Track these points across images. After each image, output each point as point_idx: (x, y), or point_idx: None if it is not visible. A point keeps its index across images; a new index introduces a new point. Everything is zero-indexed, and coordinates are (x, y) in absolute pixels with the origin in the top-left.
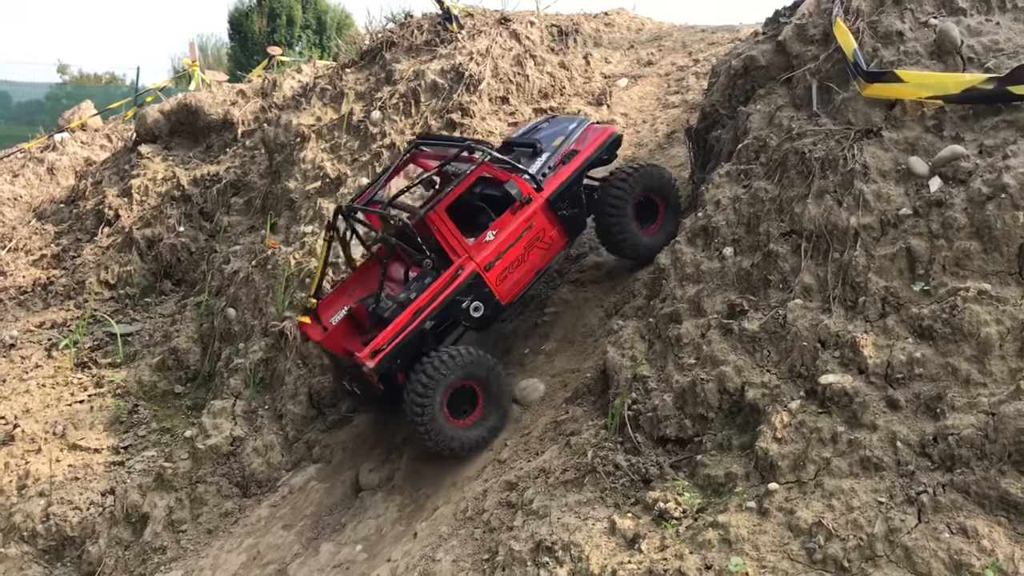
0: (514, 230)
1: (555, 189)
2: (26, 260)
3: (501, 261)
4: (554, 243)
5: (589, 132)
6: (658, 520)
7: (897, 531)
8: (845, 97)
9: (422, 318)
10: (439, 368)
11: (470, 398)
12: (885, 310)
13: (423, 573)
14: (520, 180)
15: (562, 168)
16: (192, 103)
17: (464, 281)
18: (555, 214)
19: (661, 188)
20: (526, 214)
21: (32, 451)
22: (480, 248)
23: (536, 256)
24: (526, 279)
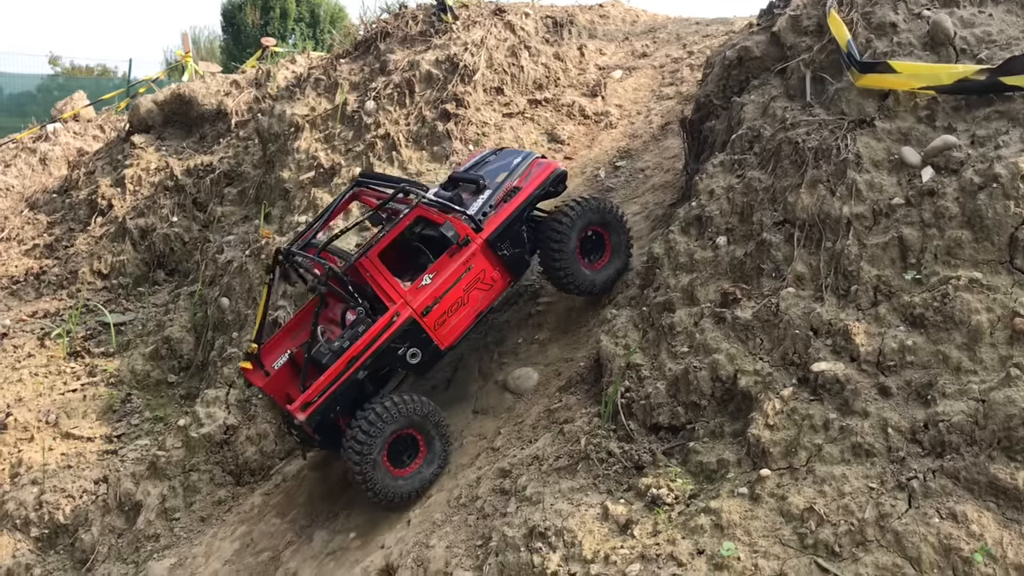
0: (452, 273)
1: (495, 229)
2: (19, 250)
3: (439, 305)
4: (496, 283)
5: (533, 167)
6: (650, 506)
7: (888, 516)
8: (839, 87)
9: (355, 368)
10: (375, 422)
11: (411, 445)
12: (877, 298)
13: (417, 559)
14: (457, 221)
15: (503, 206)
16: (186, 93)
17: (399, 328)
18: (496, 254)
19: (607, 221)
20: (464, 256)
21: (25, 439)
22: (416, 293)
23: (477, 298)
24: (467, 321)
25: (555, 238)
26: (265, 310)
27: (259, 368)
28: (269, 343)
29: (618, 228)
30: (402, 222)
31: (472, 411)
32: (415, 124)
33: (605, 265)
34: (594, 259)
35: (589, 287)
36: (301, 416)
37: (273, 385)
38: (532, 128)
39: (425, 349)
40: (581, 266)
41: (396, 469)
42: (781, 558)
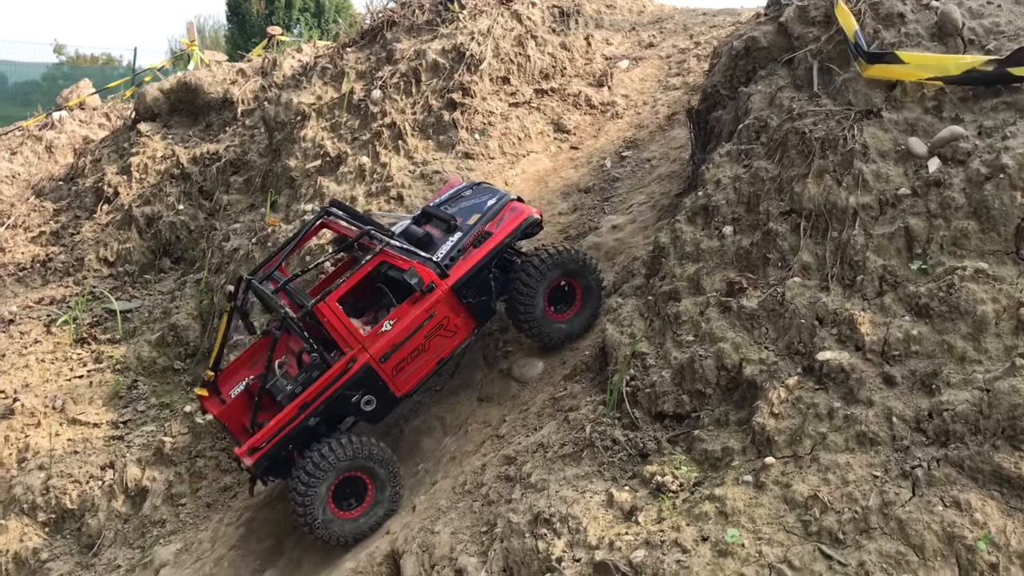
0: (414, 319)
1: (460, 277)
2: (25, 237)
3: (398, 352)
4: (459, 331)
5: (506, 212)
6: (655, 493)
7: (891, 504)
8: (846, 78)
9: (305, 415)
10: (319, 464)
11: (359, 487)
12: (883, 288)
13: (422, 545)
14: (422, 267)
15: (471, 252)
16: (192, 82)
17: (355, 374)
18: (461, 301)
19: (579, 272)
20: (427, 303)
21: (32, 425)
22: (375, 339)
23: (438, 345)
24: (427, 368)
25: (523, 290)
26: (224, 337)
27: (215, 395)
28: (227, 370)
29: (590, 279)
30: (364, 268)
31: (477, 399)
32: (421, 113)
33: (575, 315)
34: (563, 309)
35: (554, 338)
36: (248, 461)
37: (228, 414)
38: (538, 117)
39: (381, 396)
40: (549, 317)
41: (341, 512)
42: (785, 545)
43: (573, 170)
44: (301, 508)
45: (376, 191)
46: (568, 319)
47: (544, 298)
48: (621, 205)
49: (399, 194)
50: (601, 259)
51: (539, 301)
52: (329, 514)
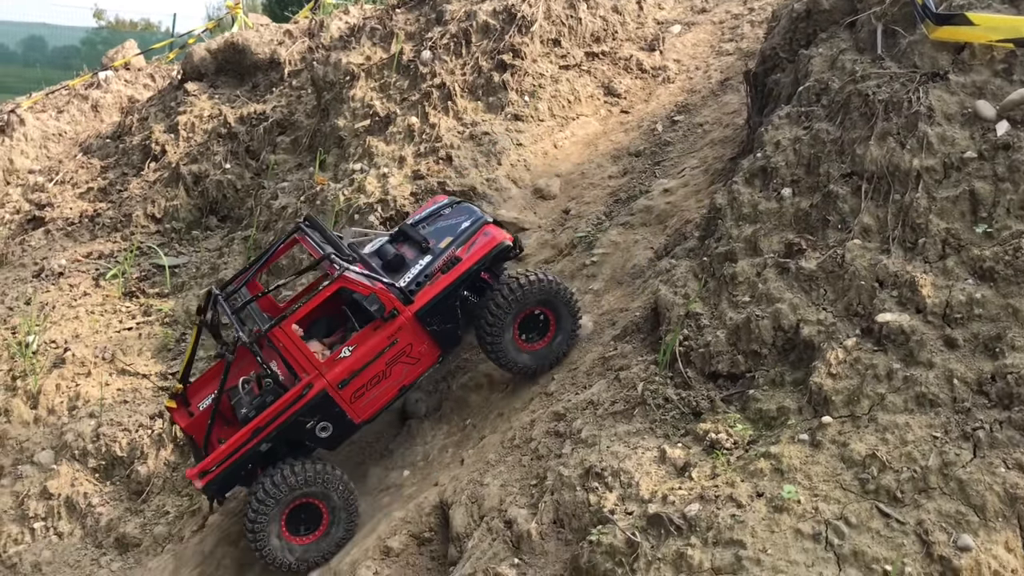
0: (374, 346)
1: (426, 303)
2: (73, 193)
3: (358, 379)
4: (423, 358)
5: (478, 236)
6: (709, 450)
7: (952, 465)
8: (911, 40)
9: (257, 440)
10: (270, 492)
11: (313, 514)
12: (945, 251)
13: (471, 496)
14: (385, 293)
15: (440, 278)
16: (239, 42)
17: (310, 401)
18: (425, 328)
19: (554, 303)
20: (390, 330)
21: (82, 374)
22: (333, 365)
23: (401, 371)
24: (387, 396)
25: (489, 320)
26: (194, 349)
27: (184, 407)
28: (197, 382)
29: (565, 311)
30: (321, 294)
31: None
32: (471, 75)
33: (543, 348)
34: (535, 339)
35: (520, 369)
36: (198, 484)
37: (196, 426)
38: (588, 81)
39: (338, 423)
40: (518, 346)
41: (293, 537)
42: (842, 502)
43: (623, 134)
44: (251, 532)
45: (425, 151)
46: (538, 350)
47: (514, 327)
48: (673, 169)
49: (448, 155)
50: (652, 222)
51: (506, 331)
52: (282, 539)
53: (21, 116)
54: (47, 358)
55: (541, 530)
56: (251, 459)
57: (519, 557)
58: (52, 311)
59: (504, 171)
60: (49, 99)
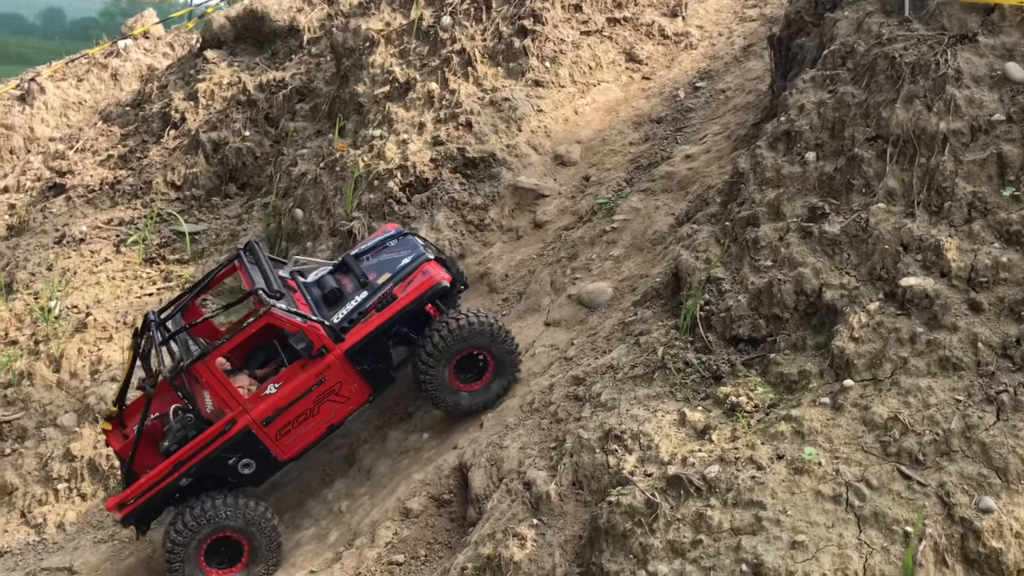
0: (301, 383)
1: (356, 342)
2: (93, 160)
3: (283, 416)
4: (353, 396)
5: (417, 275)
6: (729, 413)
7: (975, 428)
8: (940, 2)
9: (178, 474)
10: (188, 524)
11: (234, 548)
12: (971, 215)
13: (490, 458)
14: (313, 331)
15: (373, 316)
16: (258, 9)
17: (233, 437)
18: (355, 367)
19: (491, 345)
20: (318, 368)
21: (104, 339)
22: (258, 401)
23: (329, 410)
24: (315, 433)
25: (424, 359)
26: (130, 373)
27: (119, 430)
28: (133, 405)
29: (502, 350)
30: (247, 330)
31: (544, 323)
32: (491, 40)
33: (483, 387)
34: (471, 379)
35: (457, 409)
36: (117, 516)
37: (129, 450)
38: (610, 47)
39: (261, 460)
40: (453, 386)
41: (211, 570)
42: (863, 464)
43: (645, 100)
44: (169, 564)
45: (444, 118)
46: (475, 390)
47: (450, 368)
48: (694, 135)
49: (468, 121)
50: (674, 188)
51: (441, 371)
52: (200, 572)
53: (42, 84)
54: (69, 323)
55: (560, 491)
56: (172, 492)
57: (538, 518)
58: (74, 277)
59: (524, 137)
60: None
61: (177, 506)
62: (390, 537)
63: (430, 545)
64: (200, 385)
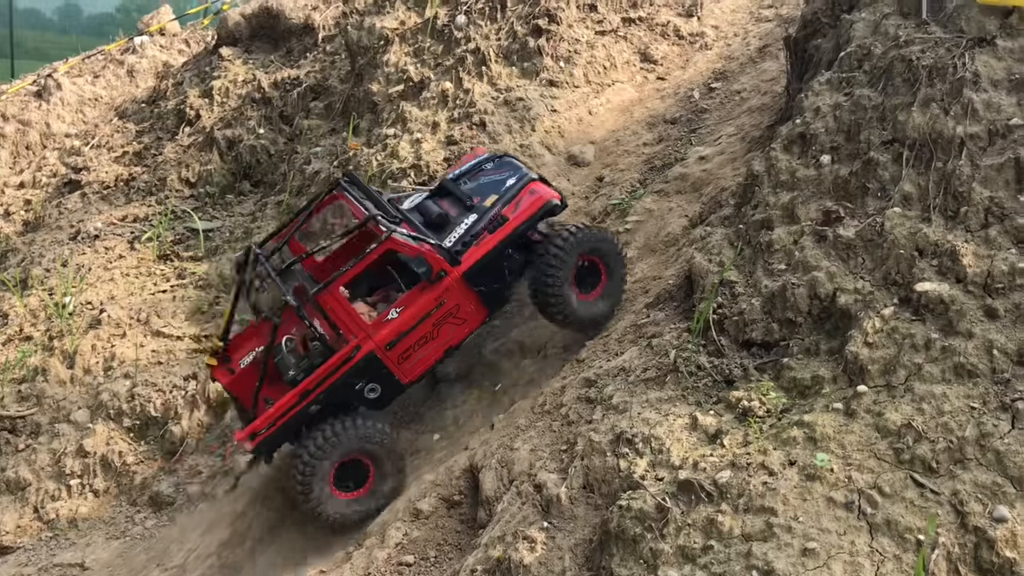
0: (421, 307)
1: (473, 264)
2: (108, 157)
3: (405, 340)
4: (470, 318)
5: (524, 194)
6: (741, 418)
7: (989, 436)
8: (958, 5)
9: (306, 403)
10: (321, 446)
11: (360, 472)
12: (988, 220)
13: (501, 460)
14: (432, 255)
15: (486, 238)
16: (273, 7)
17: (358, 363)
18: (472, 289)
19: (604, 251)
20: (437, 291)
21: (117, 335)
22: (381, 327)
23: (448, 332)
24: (434, 356)
25: (549, 272)
26: (234, 307)
27: (225, 364)
28: (237, 339)
29: (614, 258)
30: (369, 257)
31: None
32: (506, 39)
33: (597, 298)
34: (586, 289)
35: (579, 321)
36: (248, 446)
37: (238, 384)
38: (625, 47)
39: (386, 384)
40: (577, 298)
41: (340, 492)
42: (876, 471)
43: (659, 101)
44: (300, 484)
45: (458, 117)
46: (595, 299)
47: (572, 276)
48: (709, 137)
49: (481, 120)
50: (688, 190)
51: (567, 280)
52: (328, 494)
53: (58, 81)
54: (83, 319)
55: (571, 495)
56: (301, 420)
57: (548, 521)
58: (88, 273)
59: (538, 137)
60: (85, 64)
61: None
62: (400, 538)
63: (440, 546)
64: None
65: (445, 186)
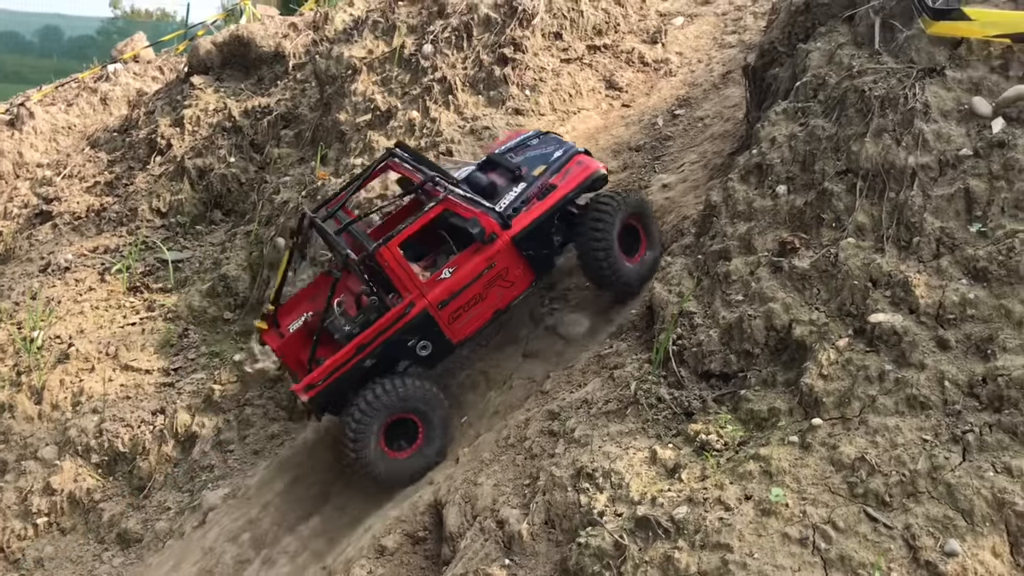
0: (472, 268)
1: (523, 228)
2: (80, 187)
3: (456, 300)
4: (518, 282)
5: (572, 165)
6: (699, 451)
7: (941, 468)
8: (908, 35)
9: (362, 356)
10: (372, 404)
11: (410, 430)
12: (940, 251)
13: (465, 496)
14: (485, 217)
15: (535, 204)
16: (244, 35)
17: (412, 319)
18: (521, 253)
19: (643, 213)
20: (488, 253)
21: (86, 370)
22: (434, 285)
23: (496, 295)
24: (483, 318)
25: (598, 236)
26: (285, 272)
27: (275, 329)
28: (287, 305)
29: (651, 220)
30: (427, 215)
31: (522, 355)
32: (472, 68)
33: (640, 259)
34: (630, 253)
35: (628, 282)
36: (304, 397)
37: (287, 348)
38: (590, 74)
39: (437, 342)
40: (624, 261)
41: (391, 451)
42: (830, 506)
43: (624, 128)
44: (352, 443)
45: (425, 146)
46: (639, 260)
47: (618, 238)
48: (672, 164)
49: (448, 149)
50: None
51: (615, 243)
52: (379, 452)
53: (31, 109)
54: (52, 353)
55: (532, 531)
56: (355, 375)
57: (510, 558)
58: (58, 306)
59: None
60: (59, 92)
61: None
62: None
63: None
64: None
65: (493, 159)
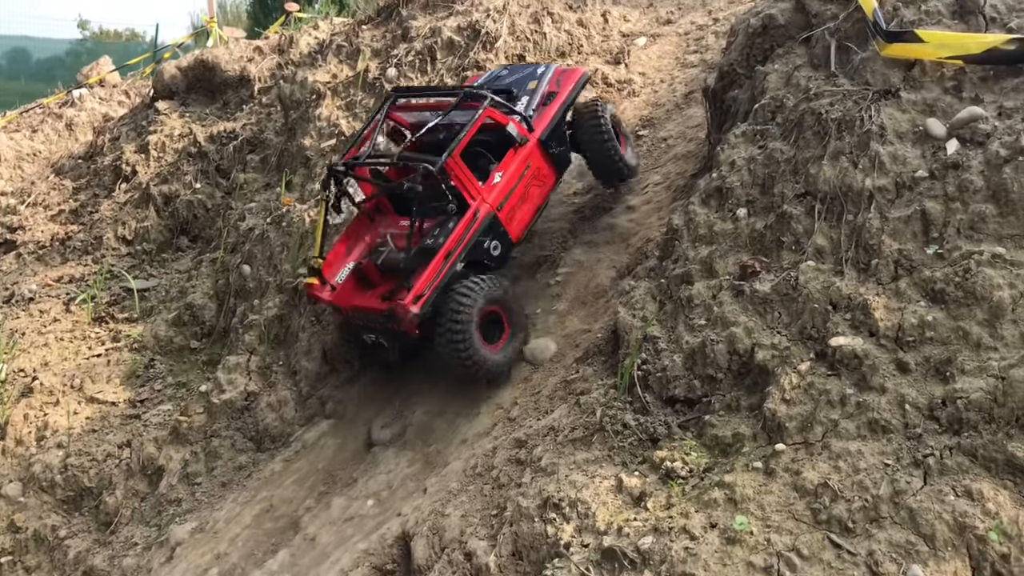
0: (516, 170)
1: (544, 128)
2: (44, 215)
3: (510, 201)
4: (547, 180)
5: (559, 75)
6: (665, 479)
7: (903, 493)
8: (864, 57)
9: (453, 260)
10: (464, 302)
11: (498, 323)
12: (898, 273)
13: (432, 527)
14: (516, 122)
15: (546, 109)
16: (209, 60)
17: (483, 221)
18: (546, 152)
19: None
20: (524, 154)
21: (50, 403)
22: (491, 190)
23: (535, 194)
24: (529, 215)
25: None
26: (324, 226)
27: (323, 283)
28: (328, 258)
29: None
30: (477, 121)
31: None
32: None
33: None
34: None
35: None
36: (415, 309)
37: (340, 298)
38: None
39: (503, 241)
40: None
41: (489, 345)
42: (794, 533)
43: None
44: (462, 343)
45: None
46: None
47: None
48: (636, 186)
49: None
50: (616, 241)
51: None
52: (479, 344)
53: None
54: (15, 387)
55: (500, 563)
56: (452, 280)
57: None
58: (21, 338)
59: None
60: (23, 118)
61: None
62: None
63: None
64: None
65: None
